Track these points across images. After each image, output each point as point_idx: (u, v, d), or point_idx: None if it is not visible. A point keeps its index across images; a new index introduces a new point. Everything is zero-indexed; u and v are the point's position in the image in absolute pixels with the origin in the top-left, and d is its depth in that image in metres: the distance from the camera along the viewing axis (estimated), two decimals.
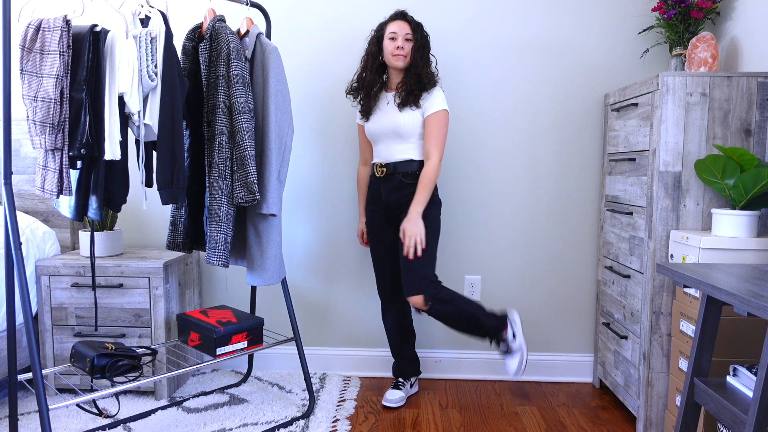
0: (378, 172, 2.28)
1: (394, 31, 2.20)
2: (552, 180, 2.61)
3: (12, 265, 1.68)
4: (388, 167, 2.25)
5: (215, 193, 1.98)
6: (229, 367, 2.74)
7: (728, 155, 1.84)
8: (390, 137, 2.24)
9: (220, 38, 1.97)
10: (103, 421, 2.14)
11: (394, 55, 2.20)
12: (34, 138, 1.70)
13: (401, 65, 2.22)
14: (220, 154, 1.96)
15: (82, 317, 2.33)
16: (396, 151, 2.24)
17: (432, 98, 2.19)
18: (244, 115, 1.94)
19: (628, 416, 2.30)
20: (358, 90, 2.31)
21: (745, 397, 1.35)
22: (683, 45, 2.28)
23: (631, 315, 2.19)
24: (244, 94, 1.95)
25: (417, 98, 2.19)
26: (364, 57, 2.30)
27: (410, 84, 2.20)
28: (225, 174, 1.97)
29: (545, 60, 2.56)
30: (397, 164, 2.23)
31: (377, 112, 2.28)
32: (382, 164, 2.27)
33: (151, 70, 1.77)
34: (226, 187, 1.97)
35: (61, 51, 1.68)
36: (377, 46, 2.27)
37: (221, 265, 1.99)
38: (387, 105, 2.26)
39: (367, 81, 2.27)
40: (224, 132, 1.96)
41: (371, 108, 2.29)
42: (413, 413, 2.31)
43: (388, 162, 2.26)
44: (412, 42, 2.21)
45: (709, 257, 1.80)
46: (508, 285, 2.67)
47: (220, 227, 1.98)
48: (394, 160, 2.24)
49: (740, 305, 1.16)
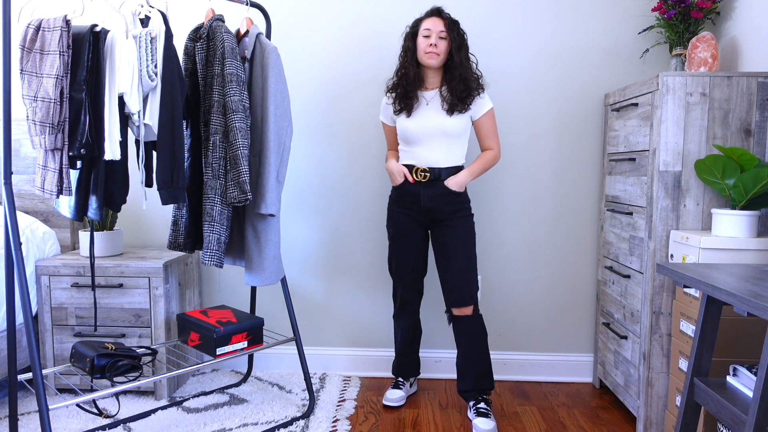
0: (419, 176, 2.19)
1: (428, 28, 2.14)
2: (552, 180, 2.61)
3: (12, 265, 1.68)
4: (433, 172, 2.18)
5: (209, 193, 1.97)
6: (229, 367, 2.74)
7: (728, 155, 1.84)
8: (435, 139, 2.17)
9: (216, 37, 1.96)
10: (103, 421, 2.14)
11: (426, 53, 2.14)
12: (34, 138, 1.70)
13: (434, 64, 2.16)
14: (213, 153, 1.95)
15: (82, 317, 2.32)
16: (442, 156, 2.18)
17: (481, 99, 2.19)
18: (237, 114, 1.93)
19: (628, 416, 2.30)
20: (397, 87, 2.22)
21: (745, 397, 1.35)
22: (683, 45, 2.27)
23: (631, 315, 2.19)
24: (238, 93, 1.93)
25: (467, 105, 2.16)
26: (401, 54, 2.23)
27: (458, 89, 2.14)
28: (218, 173, 1.96)
29: (545, 60, 2.56)
30: (443, 170, 2.18)
31: (418, 111, 2.20)
32: (424, 168, 2.19)
33: (151, 70, 1.77)
34: (220, 186, 1.97)
35: (61, 51, 1.68)
36: (412, 42, 2.19)
37: (215, 265, 1.98)
38: (427, 105, 2.19)
39: (411, 77, 2.18)
40: (218, 131, 1.95)
41: (412, 106, 2.20)
42: (413, 413, 2.31)
43: (432, 167, 2.18)
44: (447, 40, 2.15)
45: (709, 257, 1.80)
46: (508, 285, 2.67)
47: (212, 227, 1.97)
48: (439, 166, 2.18)
49: (740, 305, 1.16)
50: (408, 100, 2.20)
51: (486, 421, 2.13)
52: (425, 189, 2.19)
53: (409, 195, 2.22)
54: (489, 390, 2.25)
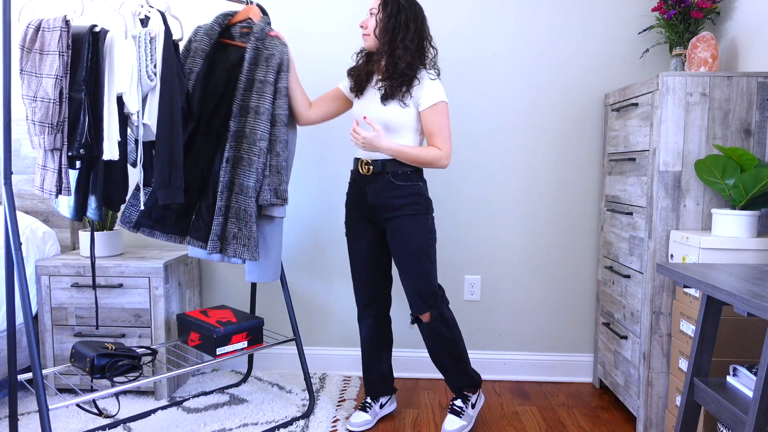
0: (363, 170, 2.02)
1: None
2: (552, 180, 2.61)
3: (12, 265, 1.68)
4: (376, 165, 1.99)
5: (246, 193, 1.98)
6: (229, 367, 2.74)
7: (728, 155, 1.84)
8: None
9: (272, 46, 2.00)
10: (103, 421, 2.14)
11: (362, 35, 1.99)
12: (33, 138, 1.70)
13: (366, 45, 1.99)
14: (259, 158, 1.97)
15: (82, 317, 2.33)
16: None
17: (424, 89, 1.93)
18: (285, 127, 2.03)
19: (628, 416, 2.30)
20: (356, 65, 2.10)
21: (745, 397, 1.35)
22: (683, 45, 2.27)
23: (631, 315, 2.19)
24: (287, 109, 2.04)
25: (398, 91, 1.92)
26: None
27: (390, 71, 1.93)
28: (260, 177, 1.99)
29: (545, 60, 2.56)
30: (387, 162, 1.98)
31: (365, 95, 2.04)
32: (368, 161, 2.00)
33: (150, 70, 1.77)
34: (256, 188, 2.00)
35: (61, 51, 1.68)
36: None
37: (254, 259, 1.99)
38: (373, 91, 2.02)
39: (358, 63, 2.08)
40: (265, 138, 1.98)
41: (363, 88, 2.04)
42: (413, 413, 2.30)
43: (375, 159, 2.00)
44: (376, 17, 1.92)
45: (709, 257, 1.79)
46: (508, 285, 2.66)
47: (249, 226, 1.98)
48: (382, 158, 1.99)
49: (740, 305, 1.16)
50: (358, 79, 2.04)
51: (453, 419, 2.08)
52: (371, 184, 2.01)
53: (356, 191, 2.07)
54: (470, 387, 2.14)
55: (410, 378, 2.68)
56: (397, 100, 1.94)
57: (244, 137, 1.99)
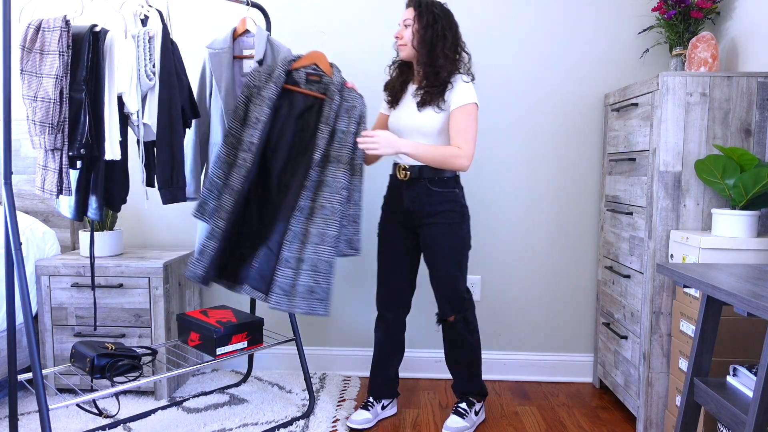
0: (401, 175, 2.07)
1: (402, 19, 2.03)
2: (552, 180, 2.61)
3: (12, 265, 1.68)
4: (412, 171, 2.03)
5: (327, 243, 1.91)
6: (229, 367, 2.74)
7: (728, 155, 1.84)
8: (411, 136, 2.03)
9: (352, 98, 2.00)
10: (103, 421, 2.14)
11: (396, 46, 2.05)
12: (33, 138, 1.70)
13: (403, 55, 2.04)
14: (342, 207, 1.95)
15: (82, 317, 2.32)
16: None
17: (456, 91, 1.97)
18: (362, 177, 2.03)
19: (628, 416, 2.30)
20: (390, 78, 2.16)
21: (745, 397, 1.35)
22: (683, 45, 2.27)
23: (631, 315, 2.19)
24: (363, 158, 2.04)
25: (437, 97, 1.97)
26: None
27: (429, 79, 1.98)
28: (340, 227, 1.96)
29: (545, 60, 2.56)
30: (423, 168, 2.02)
31: (401, 104, 2.09)
32: (405, 167, 2.05)
33: (149, 70, 1.78)
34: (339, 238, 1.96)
35: (61, 51, 1.68)
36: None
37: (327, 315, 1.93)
38: (410, 99, 2.07)
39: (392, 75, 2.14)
40: (346, 188, 1.97)
41: (398, 99, 2.10)
42: (413, 413, 2.30)
43: (412, 165, 2.03)
44: (413, 28, 1.97)
45: (709, 257, 1.80)
46: (508, 285, 2.66)
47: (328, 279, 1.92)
48: (419, 164, 2.02)
49: (740, 305, 1.16)
50: (393, 91, 2.12)
51: (456, 419, 2.11)
52: (407, 189, 2.06)
53: (394, 195, 2.12)
54: (475, 394, 2.18)
55: (410, 378, 2.68)
56: (433, 106, 1.99)
57: (326, 186, 1.94)
